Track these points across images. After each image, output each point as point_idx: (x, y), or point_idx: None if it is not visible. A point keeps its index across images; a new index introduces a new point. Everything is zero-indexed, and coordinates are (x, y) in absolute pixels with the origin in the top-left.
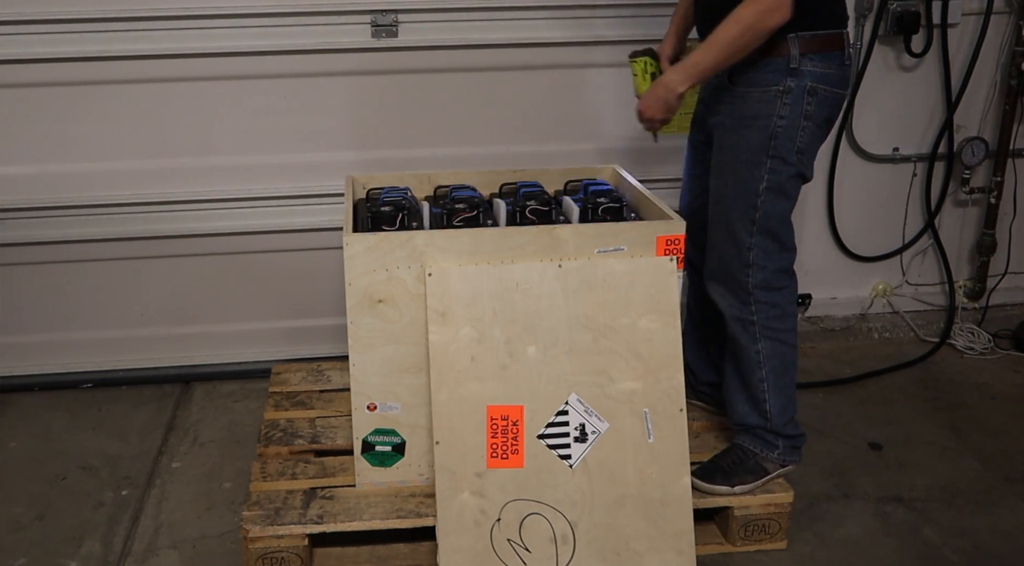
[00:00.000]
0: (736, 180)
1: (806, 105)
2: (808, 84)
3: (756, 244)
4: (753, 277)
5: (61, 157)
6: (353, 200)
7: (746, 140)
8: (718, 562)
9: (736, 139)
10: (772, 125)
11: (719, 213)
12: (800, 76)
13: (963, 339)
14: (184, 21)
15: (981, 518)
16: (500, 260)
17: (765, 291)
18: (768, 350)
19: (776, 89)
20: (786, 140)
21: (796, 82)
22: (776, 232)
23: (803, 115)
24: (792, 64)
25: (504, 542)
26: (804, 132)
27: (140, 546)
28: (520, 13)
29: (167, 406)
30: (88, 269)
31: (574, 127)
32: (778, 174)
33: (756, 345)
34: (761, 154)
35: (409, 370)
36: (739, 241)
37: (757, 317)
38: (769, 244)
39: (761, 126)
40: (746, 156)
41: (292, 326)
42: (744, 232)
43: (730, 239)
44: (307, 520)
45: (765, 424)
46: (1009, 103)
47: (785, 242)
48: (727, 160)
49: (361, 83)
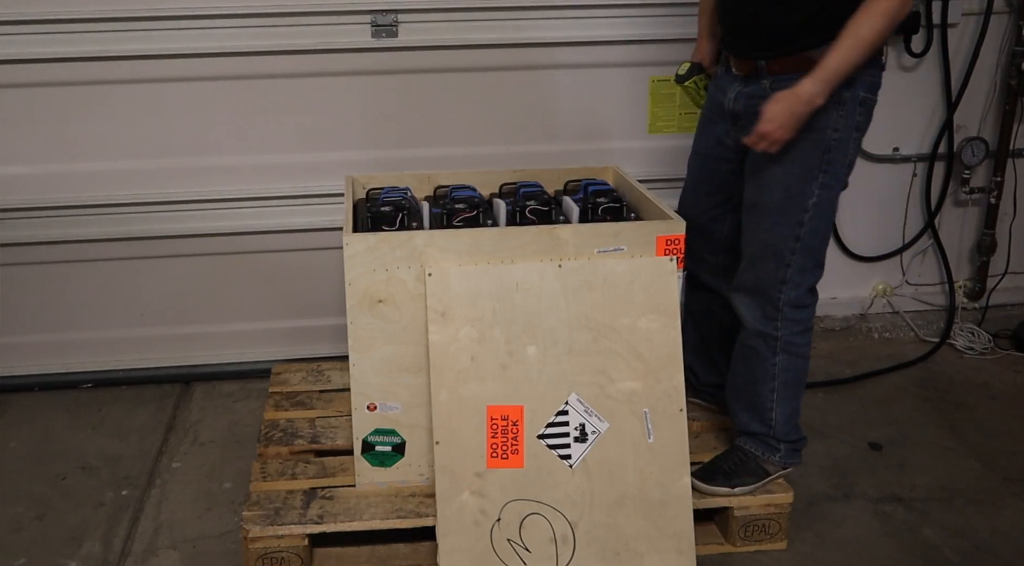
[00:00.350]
0: (786, 195)
1: (857, 116)
2: (861, 94)
3: (796, 262)
4: (786, 294)
5: (61, 157)
6: (353, 200)
7: (801, 155)
8: (718, 562)
9: (790, 154)
10: (827, 138)
11: (760, 228)
12: (853, 86)
13: (963, 339)
14: (184, 21)
15: (981, 518)
16: (500, 260)
17: (793, 308)
18: (784, 364)
19: (832, 99)
20: (839, 153)
21: (850, 93)
22: (817, 250)
23: (855, 126)
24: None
25: (504, 542)
26: (854, 144)
27: (140, 546)
28: (520, 13)
29: (167, 406)
30: (88, 269)
31: (574, 127)
32: (829, 190)
33: (774, 358)
34: (815, 169)
35: (409, 370)
36: (779, 257)
37: (781, 332)
38: (807, 262)
39: (815, 139)
40: (799, 170)
41: (292, 326)
42: (787, 249)
43: (769, 254)
44: (307, 520)
45: (768, 432)
46: (1009, 103)
47: (821, 260)
48: (776, 174)
49: (361, 83)
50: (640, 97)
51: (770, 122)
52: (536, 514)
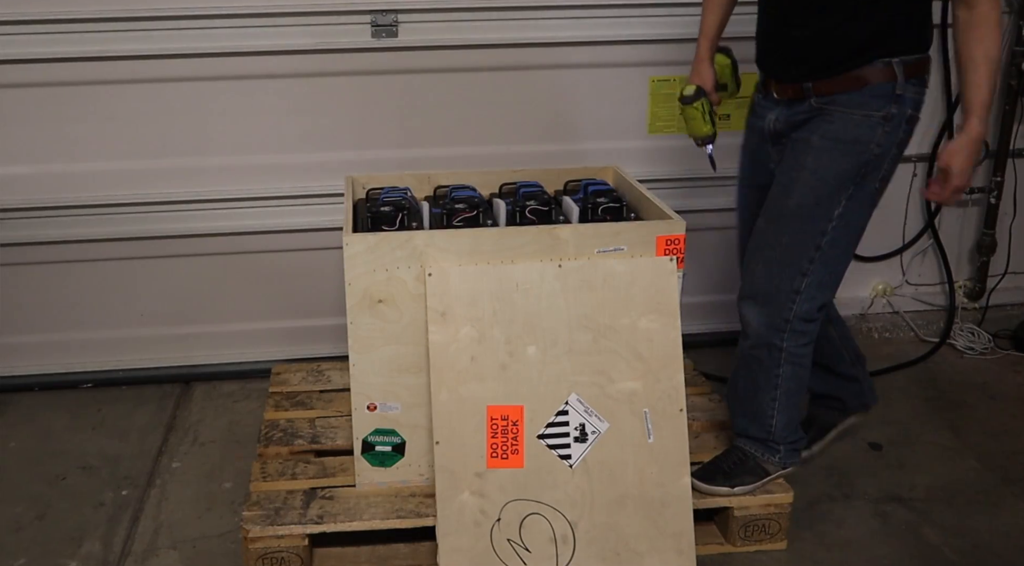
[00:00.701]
0: (815, 202)
1: (902, 132)
2: (908, 111)
3: (813, 272)
4: (798, 306)
5: (61, 157)
6: (353, 200)
7: (836, 164)
8: (718, 562)
9: (825, 161)
10: (868, 152)
11: (778, 232)
12: (902, 103)
13: (963, 339)
14: (184, 21)
15: (981, 518)
16: (500, 260)
17: (803, 322)
18: (788, 374)
19: (879, 115)
20: (875, 168)
21: (898, 109)
22: (835, 264)
23: (897, 143)
24: (898, 90)
25: (504, 542)
26: (891, 161)
27: (140, 546)
28: (520, 13)
29: (167, 406)
30: (88, 269)
31: (574, 127)
32: (857, 204)
33: (777, 369)
34: (849, 181)
35: (409, 370)
36: (797, 265)
37: (786, 344)
38: (824, 276)
39: (857, 152)
40: (834, 180)
41: (292, 326)
42: (806, 258)
43: (788, 261)
44: (307, 520)
45: (767, 436)
46: (1009, 103)
47: (837, 278)
48: (807, 179)
49: (361, 83)
50: (640, 97)
51: (961, 176)
52: (536, 514)
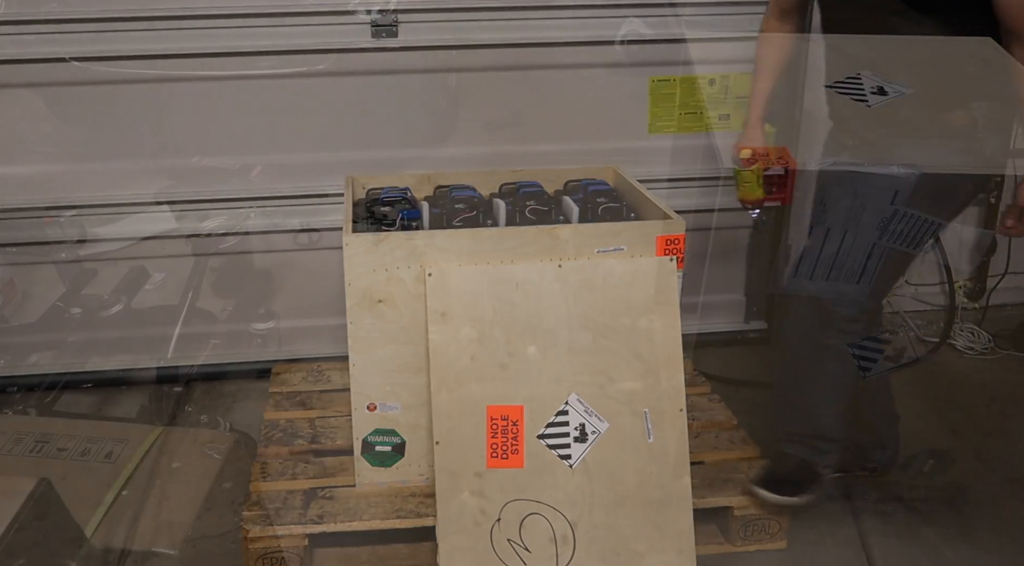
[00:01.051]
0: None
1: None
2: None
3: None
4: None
5: (61, 157)
6: (353, 200)
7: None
8: (718, 562)
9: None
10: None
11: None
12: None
13: (963, 339)
14: (184, 21)
15: (981, 518)
16: (500, 260)
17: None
18: (833, 370)
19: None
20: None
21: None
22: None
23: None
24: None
25: (504, 542)
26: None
27: (140, 546)
28: (520, 13)
29: (167, 406)
30: (88, 269)
31: (574, 127)
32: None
33: (825, 365)
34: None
35: (409, 370)
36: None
37: (834, 341)
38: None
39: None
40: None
41: (292, 326)
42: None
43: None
44: (307, 520)
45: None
46: None
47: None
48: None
49: (361, 83)
50: (640, 97)
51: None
52: (536, 514)
